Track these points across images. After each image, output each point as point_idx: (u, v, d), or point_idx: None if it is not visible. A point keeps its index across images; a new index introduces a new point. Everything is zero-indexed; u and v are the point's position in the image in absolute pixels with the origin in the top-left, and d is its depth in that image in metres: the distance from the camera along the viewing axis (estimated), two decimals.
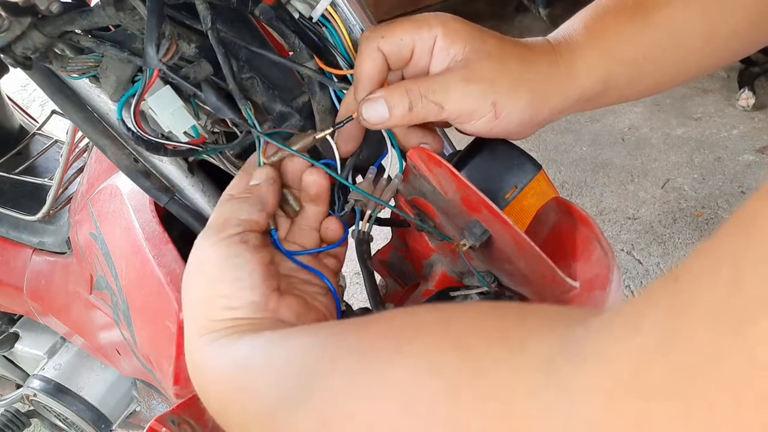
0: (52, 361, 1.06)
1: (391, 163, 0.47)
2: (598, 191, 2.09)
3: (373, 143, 0.53)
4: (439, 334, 0.24)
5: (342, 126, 0.45)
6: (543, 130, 2.42)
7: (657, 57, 0.42)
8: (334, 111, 0.50)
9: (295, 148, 0.45)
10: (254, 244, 0.39)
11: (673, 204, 1.97)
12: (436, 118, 0.41)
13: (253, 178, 0.43)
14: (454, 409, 0.20)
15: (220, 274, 0.37)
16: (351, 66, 0.49)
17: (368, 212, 0.46)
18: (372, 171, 0.49)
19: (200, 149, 0.48)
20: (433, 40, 0.41)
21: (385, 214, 0.54)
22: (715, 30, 0.41)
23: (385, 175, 0.47)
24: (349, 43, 0.49)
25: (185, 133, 0.46)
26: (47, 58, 0.42)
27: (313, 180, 0.44)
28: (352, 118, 0.44)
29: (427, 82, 0.41)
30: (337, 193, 0.49)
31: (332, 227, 0.46)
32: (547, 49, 0.43)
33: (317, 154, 0.50)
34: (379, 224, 0.55)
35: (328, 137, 0.46)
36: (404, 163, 0.47)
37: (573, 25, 0.44)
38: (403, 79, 0.45)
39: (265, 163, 0.45)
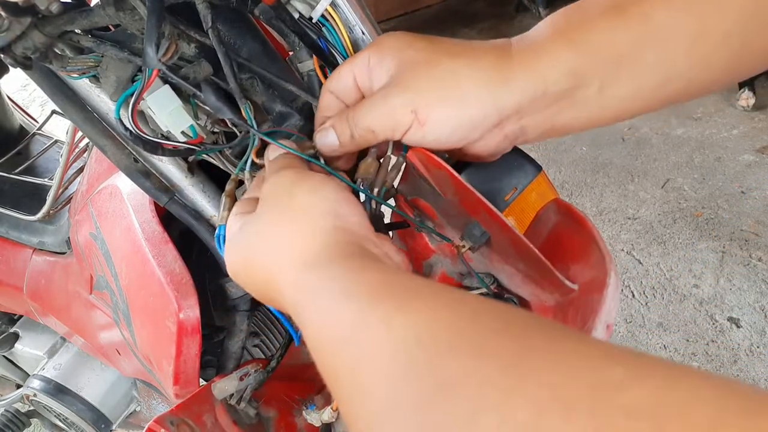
0: (52, 361, 1.06)
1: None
2: (598, 191, 2.09)
3: None
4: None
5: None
6: None
7: (637, 57, 0.36)
8: None
9: None
10: None
11: (673, 204, 1.97)
12: (378, 141, 0.41)
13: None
14: None
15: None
16: None
17: (376, 189, 0.45)
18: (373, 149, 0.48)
19: (198, 149, 0.48)
20: (367, 63, 0.41)
21: (385, 219, 0.54)
22: (704, 30, 0.35)
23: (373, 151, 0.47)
24: (349, 44, 0.49)
25: (183, 132, 0.46)
26: (47, 58, 0.42)
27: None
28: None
29: (359, 107, 0.41)
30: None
31: None
32: (501, 45, 0.39)
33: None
34: (378, 228, 0.55)
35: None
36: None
37: (540, 25, 0.40)
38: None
39: (254, 163, 0.46)
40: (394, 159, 0.45)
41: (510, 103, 0.38)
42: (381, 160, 0.45)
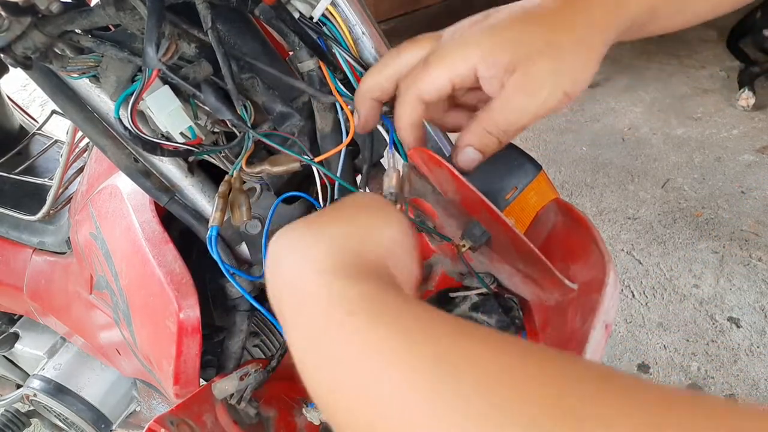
0: (52, 361, 1.06)
1: (394, 157, 0.46)
2: (598, 191, 2.09)
3: (367, 145, 0.53)
4: None
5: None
6: (543, 130, 2.43)
7: None
8: (334, 110, 0.50)
9: (280, 168, 0.46)
10: None
11: (673, 204, 1.97)
12: (520, 132, 0.42)
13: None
14: None
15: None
16: (354, 63, 0.49)
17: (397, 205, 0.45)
18: (389, 154, 0.47)
19: (196, 150, 0.48)
20: (473, 68, 0.40)
21: None
22: None
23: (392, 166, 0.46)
24: (351, 41, 0.49)
25: (181, 134, 0.46)
26: (47, 58, 0.42)
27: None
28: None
29: (501, 113, 0.41)
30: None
31: None
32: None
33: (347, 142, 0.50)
34: None
35: (314, 167, 0.47)
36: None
37: None
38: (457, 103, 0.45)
39: (243, 169, 0.46)
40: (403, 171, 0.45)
41: (612, 37, 0.41)
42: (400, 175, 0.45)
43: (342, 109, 0.49)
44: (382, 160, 0.49)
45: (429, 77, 0.41)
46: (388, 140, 0.47)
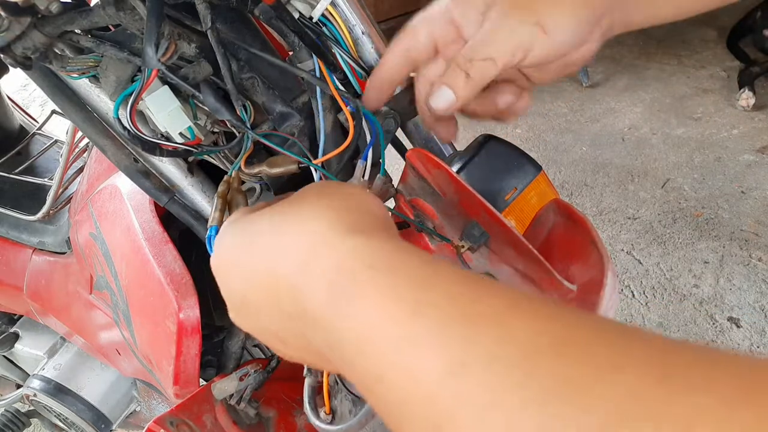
0: (52, 361, 1.06)
1: (366, 168, 0.47)
2: (598, 191, 2.09)
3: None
4: None
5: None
6: (543, 130, 2.43)
7: None
8: (334, 110, 0.50)
9: (277, 170, 0.46)
10: None
11: (673, 204, 1.97)
12: (497, 71, 0.40)
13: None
14: None
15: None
16: (353, 64, 0.49)
17: None
18: (361, 164, 0.48)
19: (196, 150, 0.48)
20: (449, 16, 0.40)
21: None
22: None
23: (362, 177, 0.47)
24: (350, 42, 0.49)
25: (181, 134, 0.46)
26: (47, 58, 0.42)
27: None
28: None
29: (469, 45, 0.40)
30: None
31: None
32: None
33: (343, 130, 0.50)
34: None
35: (312, 169, 0.47)
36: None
37: None
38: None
39: (241, 170, 0.46)
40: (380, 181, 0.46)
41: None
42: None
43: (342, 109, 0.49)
44: (357, 165, 0.49)
45: (409, 33, 0.42)
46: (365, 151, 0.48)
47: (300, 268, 0.28)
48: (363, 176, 0.46)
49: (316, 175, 0.48)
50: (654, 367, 0.18)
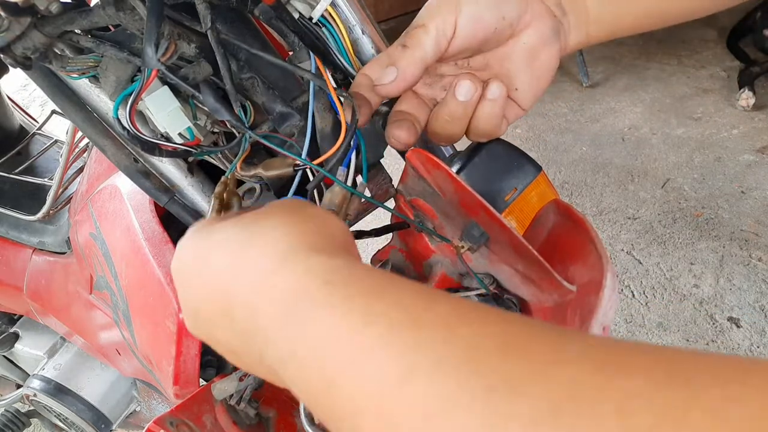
0: (52, 361, 1.06)
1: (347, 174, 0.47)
2: (598, 191, 2.09)
3: (371, 143, 0.53)
4: None
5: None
6: (543, 130, 2.43)
7: None
8: (334, 110, 0.50)
9: (273, 173, 0.46)
10: None
11: (673, 204, 1.97)
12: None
13: None
14: None
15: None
16: (350, 65, 0.49)
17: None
18: (342, 172, 0.47)
19: (195, 150, 0.48)
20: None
21: (385, 219, 0.54)
22: None
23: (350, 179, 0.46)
24: (349, 44, 0.49)
25: (180, 134, 0.46)
26: (47, 58, 0.42)
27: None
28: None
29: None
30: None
31: None
32: None
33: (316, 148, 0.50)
34: (378, 234, 0.55)
35: (309, 172, 0.47)
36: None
37: None
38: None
39: (241, 173, 0.46)
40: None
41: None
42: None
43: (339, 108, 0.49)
44: (333, 175, 0.49)
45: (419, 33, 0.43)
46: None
47: (256, 286, 0.28)
48: (345, 182, 0.45)
49: (311, 176, 0.48)
50: (591, 359, 0.19)
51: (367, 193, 0.47)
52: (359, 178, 0.48)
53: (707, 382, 0.17)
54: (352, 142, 0.45)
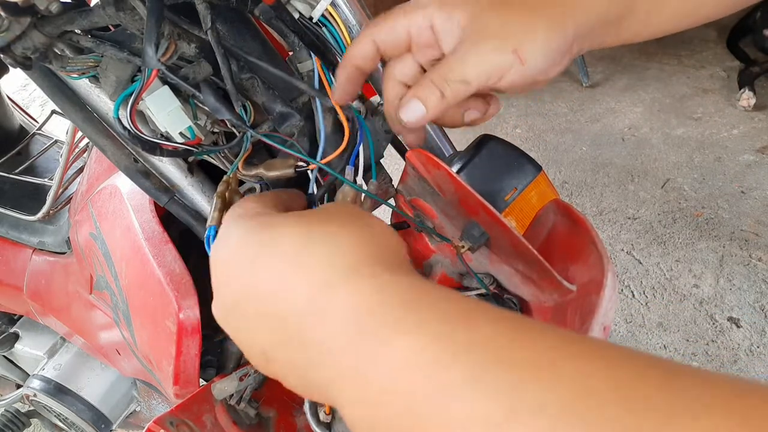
0: (52, 361, 1.06)
1: (354, 174, 0.46)
2: (598, 191, 2.09)
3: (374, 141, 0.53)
4: None
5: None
6: (543, 131, 2.43)
7: None
8: (334, 111, 0.50)
9: (274, 173, 0.46)
10: None
11: (673, 204, 1.97)
12: (468, 93, 0.40)
13: None
14: None
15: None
16: None
17: None
18: (349, 171, 0.47)
19: (196, 150, 0.48)
20: (429, 21, 0.41)
21: (385, 219, 0.54)
22: None
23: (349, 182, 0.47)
24: (349, 43, 0.49)
25: (181, 134, 0.46)
26: (47, 58, 0.42)
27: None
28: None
29: (446, 63, 0.40)
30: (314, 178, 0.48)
31: None
32: None
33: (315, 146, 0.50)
34: None
35: (309, 173, 0.47)
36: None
37: None
38: (422, 69, 0.44)
39: (242, 173, 0.46)
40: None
41: (583, 24, 0.40)
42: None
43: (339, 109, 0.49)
44: (347, 173, 0.49)
45: (386, 23, 0.42)
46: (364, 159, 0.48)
47: (315, 297, 0.27)
48: (353, 180, 0.46)
49: (311, 176, 0.47)
50: (731, 410, 0.17)
51: (372, 191, 0.47)
52: (359, 179, 0.48)
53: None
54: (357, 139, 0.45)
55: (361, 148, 0.47)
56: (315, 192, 0.46)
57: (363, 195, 0.45)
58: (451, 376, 0.21)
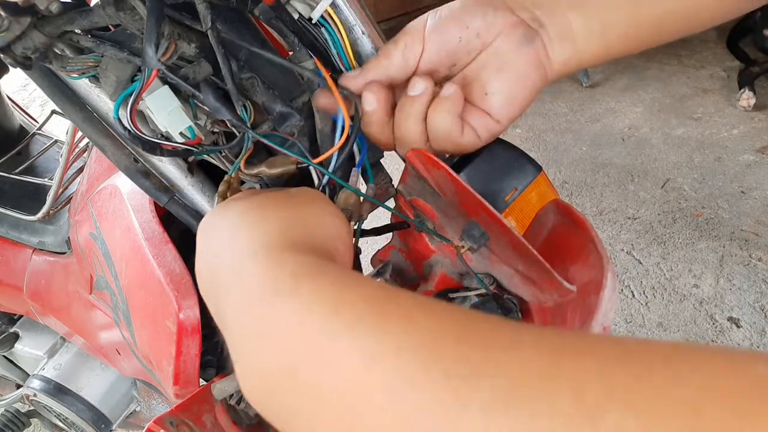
0: (52, 361, 1.06)
1: (359, 178, 0.47)
2: (598, 191, 2.09)
3: (371, 142, 0.53)
4: None
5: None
6: (543, 131, 2.43)
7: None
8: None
9: (276, 170, 0.46)
10: None
11: (673, 204, 1.97)
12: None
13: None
14: None
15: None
16: (349, 66, 0.49)
17: (352, 222, 0.45)
18: (355, 173, 0.48)
19: (196, 150, 0.48)
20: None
21: (385, 219, 0.54)
22: None
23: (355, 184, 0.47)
24: (348, 45, 0.49)
25: (181, 134, 0.46)
26: (47, 58, 0.42)
27: None
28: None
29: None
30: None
31: None
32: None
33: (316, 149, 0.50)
34: (377, 233, 0.55)
35: (312, 169, 0.47)
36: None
37: None
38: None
39: (243, 172, 0.46)
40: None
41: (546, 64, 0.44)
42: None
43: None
44: (351, 176, 0.49)
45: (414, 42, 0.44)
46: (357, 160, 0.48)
47: (233, 268, 0.32)
48: (356, 185, 0.46)
49: (315, 175, 0.48)
50: (544, 345, 0.20)
51: (371, 194, 0.47)
52: (354, 178, 0.48)
53: (656, 363, 0.18)
54: (355, 140, 0.45)
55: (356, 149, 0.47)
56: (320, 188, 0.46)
57: (361, 197, 0.45)
58: (330, 327, 0.24)
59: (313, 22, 0.48)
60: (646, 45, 0.46)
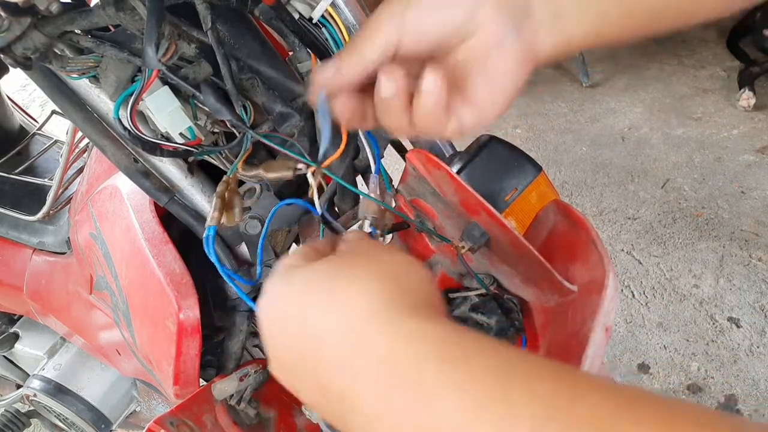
0: (52, 361, 1.06)
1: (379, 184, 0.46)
2: (598, 191, 2.09)
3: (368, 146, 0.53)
4: None
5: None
6: (542, 130, 2.43)
7: None
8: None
9: (273, 174, 0.46)
10: None
11: (673, 204, 1.97)
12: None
13: None
14: None
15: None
16: None
17: (378, 231, 0.44)
18: (374, 180, 0.47)
19: (196, 150, 0.48)
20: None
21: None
22: None
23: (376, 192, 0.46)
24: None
25: (181, 134, 0.46)
26: (47, 58, 0.42)
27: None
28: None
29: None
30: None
31: None
32: None
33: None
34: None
35: (309, 177, 0.46)
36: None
37: None
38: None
39: (242, 173, 0.46)
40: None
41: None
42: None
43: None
44: (365, 179, 0.48)
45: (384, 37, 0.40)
46: (373, 166, 0.47)
47: (347, 343, 0.27)
48: (377, 191, 0.45)
49: (311, 178, 0.47)
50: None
51: (389, 201, 0.47)
52: (373, 185, 0.47)
53: None
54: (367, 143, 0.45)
55: (368, 150, 0.47)
56: (319, 211, 0.45)
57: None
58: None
59: (314, 22, 0.48)
60: (642, 32, 0.42)
